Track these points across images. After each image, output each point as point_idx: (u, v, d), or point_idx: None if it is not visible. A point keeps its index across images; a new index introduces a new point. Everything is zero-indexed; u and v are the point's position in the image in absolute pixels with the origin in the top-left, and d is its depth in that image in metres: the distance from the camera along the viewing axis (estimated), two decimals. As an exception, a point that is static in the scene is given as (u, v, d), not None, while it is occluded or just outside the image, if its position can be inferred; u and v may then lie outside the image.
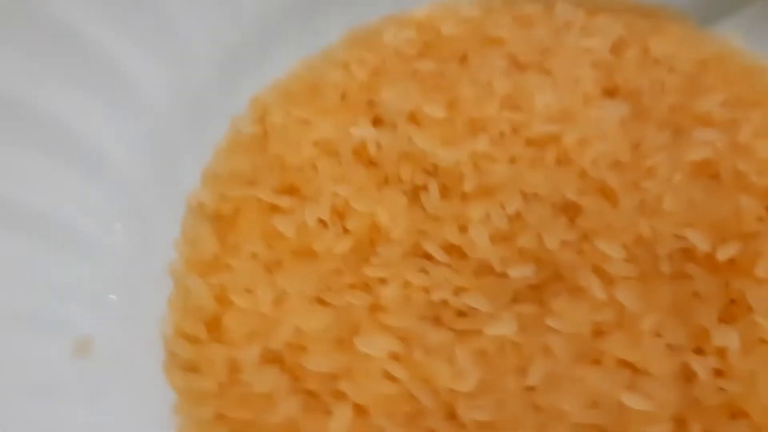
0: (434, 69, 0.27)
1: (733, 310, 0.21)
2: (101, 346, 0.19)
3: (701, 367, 0.20)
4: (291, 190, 0.24)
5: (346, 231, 0.23)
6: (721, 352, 0.20)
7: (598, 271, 0.22)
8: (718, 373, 0.20)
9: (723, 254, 0.22)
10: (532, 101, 0.25)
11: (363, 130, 0.25)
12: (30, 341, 0.18)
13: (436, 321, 0.22)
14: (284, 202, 0.23)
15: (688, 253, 0.22)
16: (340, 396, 0.20)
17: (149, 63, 0.23)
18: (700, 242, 0.22)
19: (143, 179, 0.22)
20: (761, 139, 0.25)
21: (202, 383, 0.20)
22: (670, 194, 0.23)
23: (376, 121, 0.26)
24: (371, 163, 0.25)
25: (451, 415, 0.20)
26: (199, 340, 0.21)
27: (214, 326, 0.21)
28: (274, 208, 0.24)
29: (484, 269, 0.22)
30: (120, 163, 0.22)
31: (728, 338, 0.20)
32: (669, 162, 0.24)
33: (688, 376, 0.20)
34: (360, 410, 0.20)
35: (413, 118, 0.25)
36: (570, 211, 0.23)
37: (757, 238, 0.22)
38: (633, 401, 0.20)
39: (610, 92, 0.26)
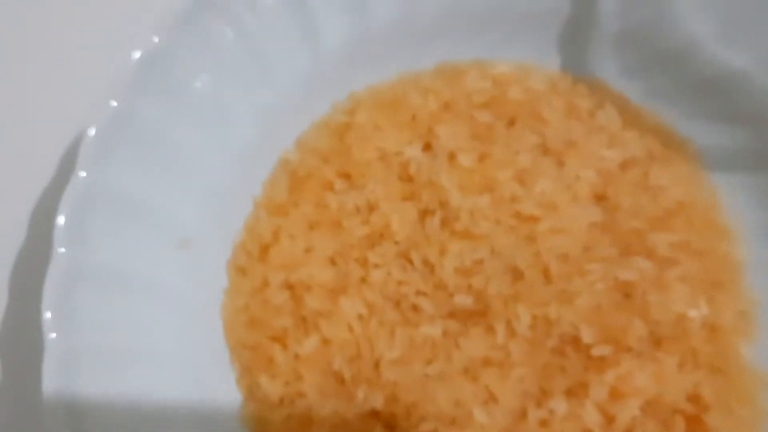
0: (487, 121, 0.33)
1: (578, 391, 0.30)
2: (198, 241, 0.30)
3: (534, 414, 0.29)
4: (347, 176, 0.32)
5: (368, 221, 0.32)
6: (551, 413, 0.29)
7: (508, 324, 0.30)
8: (544, 423, 0.29)
9: (597, 351, 0.30)
10: (535, 183, 0.32)
11: (413, 151, 0.33)
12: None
13: (396, 305, 0.31)
14: (339, 183, 0.32)
15: (573, 341, 0.30)
16: (317, 328, 0.30)
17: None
18: (586, 336, 0.30)
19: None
20: (680, 284, 0.31)
21: (244, 284, 0.31)
22: (585, 295, 0.31)
23: (426, 147, 0.33)
24: (408, 178, 0.33)
25: (377, 371, 0.30)
26: (252, 255, 0.31)
27: (264, 250, 0.31)
28: (330, 185, 0.32)
29: (442, 286, 0.31)
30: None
31: (560, 407, 0.29)
32: (602, 272, 0.31)
33: (524, 414, 0.30)
34: (325, 341, 0.30)
35: (451, 157, 0.33)
36: (515, 273, 0.31)
37: (627, 351, 0.30)
38: (481, 415, 0.29)
39: (599, 198, 0.33)
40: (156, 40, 0.27)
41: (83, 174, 0.27)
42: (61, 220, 0.26)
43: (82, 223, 0.27)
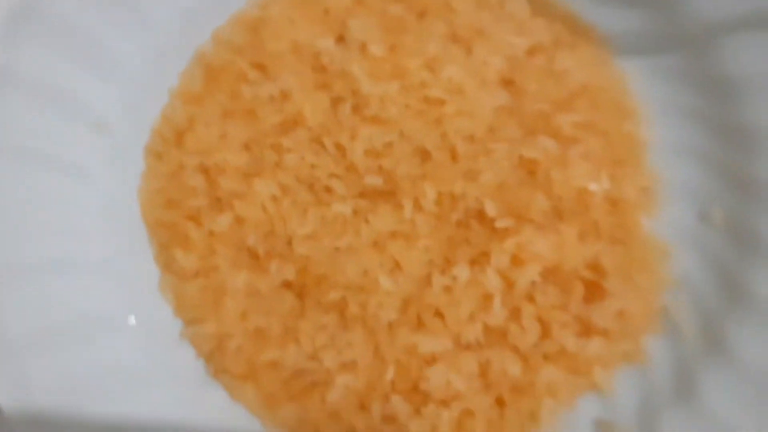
0: (398, 14, 0.33)
1: (480, 260, 0.30)
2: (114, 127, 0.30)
3: (438, 281, 0.30)
4: (261, 68, 0.33)
5: (281, 110, 0.32)
6: (455, 279, 0.30)
7: (416, 201, 0.31)
8: (447, 289, 0.30)
9: (500, 223, 0.30)
10: (443, 69, 0.32)
11: (326, 43, 0.33)
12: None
13: (309, 187, 0.31)
14: (253, 74, 0.32)
15: (478, 215, 0.31)
16: (231, 207, 0.31)
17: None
18: (490, 210, 0.30)
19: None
20: (583, 161, 0.32)
21: (160, 168, 0.31)
22: (490, 172, 0.31)
23: (339, 39, 0.33)
24: (321, 68, 0.33)
25: (289, 246, 0.31)
26: (168, 141, 0.32)
27: (180, 136, 0.32)
28: (245, 76, 0.32)
29: (352, 169, 0.31)
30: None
31: (463, 272, 0.30)
32: (506, 150, 0.31)
33: (428, 281, 0.30)
34: (239, 220, 0.31)
35: (362, 48, 0.33)
36: (423, 154, 0.31)
37: (529, 223, 0.31)
38: (387, 282, 0.30)
39: (506, 83, 0.33)
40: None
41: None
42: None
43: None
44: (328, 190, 0.31)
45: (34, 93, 0.28)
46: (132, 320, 0.28)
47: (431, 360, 0.29)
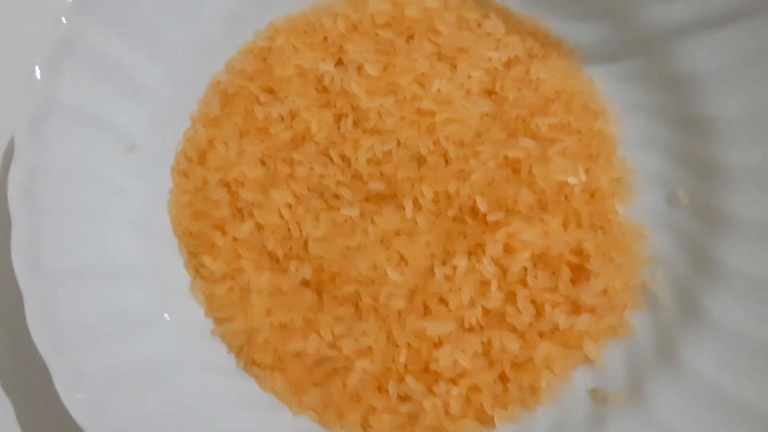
0: (388, 38, 0.35)
1: (476, 250, 0.32)
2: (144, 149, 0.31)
3: (439, 271, 0.31)
4: (270, 91, 0.34)
5: (291, 127, 0.34)
6: (455, 269, 0.31)
7: (415, 201, 0.32)
8: (448, 278, 0.31)
9: (491, 217, 0.32)
10: (432, 84, 0.34)
11: (327, 66, 0.35)
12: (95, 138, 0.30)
13: (320, 195, 0.33)
14: (264, 97, 0.34)
15: (471, 210, 0.32)
16: (251, 216, 0.32)
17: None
18: (482, 205, 0.32)
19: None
20: (561, 158, 0.33)
21: (186, 184, 0.33)
22: (479, 172, 0.32)
23: (338, 62, 0.35)
24: (324, 89, 0.34)
25: (305, 248, 0.32)
26: (192, 160, 0.33)
27: (202, 155, 0.33)
28: (256, 99, 0.34)
29: (357, 176, 0.33)
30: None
31: (462, 262, 0.31)
32: (492, 152, 0.33)
33: (431, 271, 0.31)
34: (259, 226, 0.32)
35: (359, 68, 0.35)
36: (419, 159, 0.33)
37: (517, 215, 0.32)
38: (395, 274, 0.31)
39: (488, 93, 0.35)
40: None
41: (39, 85, 0.28)
42: (21, 124, 0.28)
43: (41, 129, 0.28)
44: (337, 196, 0.33)
45: (75, 119, 0.29)
46: (167, 317, 0.29)
47: (439, 343, 0.30)
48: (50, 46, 0.29)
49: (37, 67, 0.29)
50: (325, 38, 0.35)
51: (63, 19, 0.29)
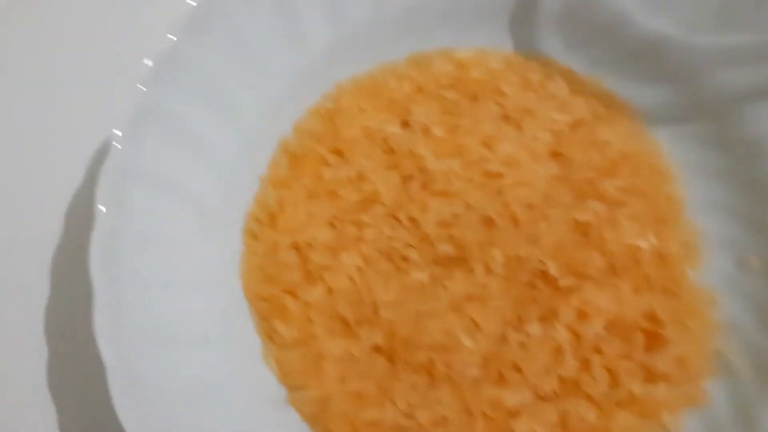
0: (454, 99, 0.35)
1: (549, 316, 0.31)
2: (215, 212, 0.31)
3: (513, 337, 0.31)
4: (338, 153, 0.34)
5: (359, 189, 0.33)
6: (528, 335, 0.31)
7: (486, 265, 0.32)
8: (522, 345, 0.31)
9: (563, 282, 0.31)
10: (499, 145, 0.34)
11: (393, 128, 0.34)
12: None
13: (389, 257, 0.32)
14: (332, 158, 0.34)
15: (543, 275, 0.32)
16: (322, 280, 0.32)
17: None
18: (553, 270, 0.31)
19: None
20: (630, 221, 0.33)
21: (257, 247, 0.32)
22: (550, 236, 0.32)
23: (404, 124, 0.35)
24: (390, 150, 0.34)
25: (376, 313, 0.31)
26: (263, 223, 0.33)
27: (273, 218, 0.33)
28: (325, 160, 0.34)
29: (426, 238, 0.32)
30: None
31: (535, 330, 0.31)
32: (561, 215, 0.33)
33: (504, 338, 0.31)
34: (330, 291, 0.32)
35: (426, 130, 0.34)
36: (488, 222, 0.33)
37: (588, 279, 0.32)
38: (468, 341, 0.31)
39: (554, 155, 0.34)
40: (173, 38, 0.29)
41: (119, 152, 0.28)
42: (101, 188, 0.28)
43: (120, 196, 0.28)
44: (405, 258, 0.32)
45: (153, 185, 0.29)
46: (239, 384, 0.29)
47: (515, 412, 0.29)
48: (129, 114, 0.29)
49: (117, 134, 0.29)
50: (391, 99, 0.35)
51: (141, 87, 0.29)
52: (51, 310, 0.33)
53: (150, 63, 0.30)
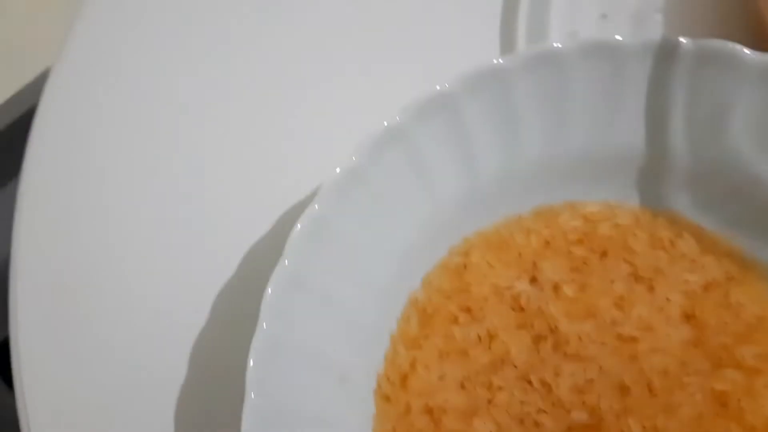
0: (582, 255, 0.35)
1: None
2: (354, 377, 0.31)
3: None
4: (468, 310, 0.34)
5: (489, 349, 0.33)
6: None
7: (622, 436, 0.31)
8: None
9: (702, 457, 0.31)
10: (631, 307, 0.33)
11: (522, 285, 0.34)
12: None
13: (521, 422, 0.32)
14: (462, 317, 0.34)
15: (681, 447, 0.31)
16: (456, 446, 0.32)
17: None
18: (692, 444, 0.31)
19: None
20: (768, 391, 0.32)
21: (389, 410, 0.32)
22: (687, 406, 0.31)
23: (533, 280, 0.35)
24: (520, 308, 0.34)
25: (508, 480, 0.31)
26: (395, 384, 0.33)
27: (404, 379, 0.33)
28: (455, 318, 0.34)
29: (559, 404, 0.32)
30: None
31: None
32: (699, 384, 0.32)
33: None
34: (462, 459, 0.32)
35: (556, 288, 0.34)
36: (623, 389, 0.32)
37: (729, 456, 0.31)
38: None
39: (687, 317, 0.34)
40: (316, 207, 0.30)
41: (266, 328, 0.29)
42: (250, 364, 0.28)
43: (267, 369, 0.29)
44: (537, 424, 0.32)
45: (299, 355, 0.30)
46: None
47: None
48: (277, 285, 0.30)
49: (264, 312, 0.29)
50: (519, 254, 0.35)
51: (285, 261, 0.30)
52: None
53: (299, 227, 0.31)
